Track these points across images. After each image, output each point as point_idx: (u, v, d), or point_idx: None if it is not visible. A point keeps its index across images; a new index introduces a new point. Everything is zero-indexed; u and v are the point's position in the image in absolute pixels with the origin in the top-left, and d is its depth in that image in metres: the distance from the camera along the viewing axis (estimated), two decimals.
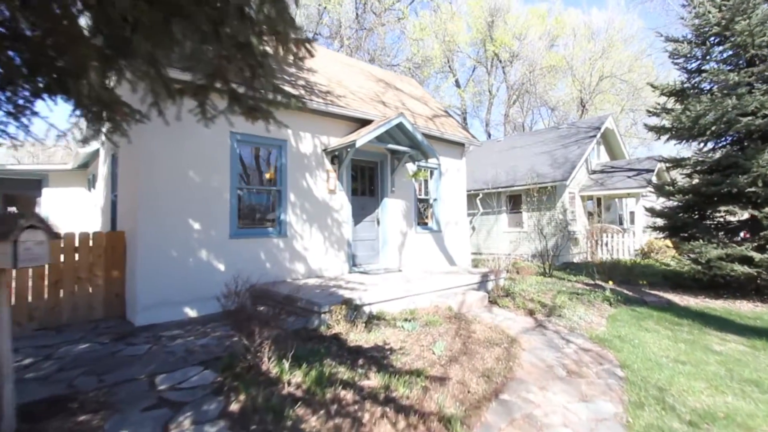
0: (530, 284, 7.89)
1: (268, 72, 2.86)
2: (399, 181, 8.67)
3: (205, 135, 5.98)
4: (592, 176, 16.76)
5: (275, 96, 3.13)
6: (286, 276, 6.73)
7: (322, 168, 7.36)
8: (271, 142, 6.71)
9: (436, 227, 9.66)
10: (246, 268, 6.27)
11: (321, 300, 4.87)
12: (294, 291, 5.55)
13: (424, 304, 5.97)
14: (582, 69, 27.60)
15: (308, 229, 7.08)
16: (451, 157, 10.12)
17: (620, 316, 6.02)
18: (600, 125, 17.17)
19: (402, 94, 10.52)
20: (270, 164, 6.84)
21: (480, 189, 16.31)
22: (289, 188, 6.86)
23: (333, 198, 7.48)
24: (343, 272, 7.54)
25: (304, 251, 6.99)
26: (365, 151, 8.00)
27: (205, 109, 3.08)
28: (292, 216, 6.87)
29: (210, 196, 5.98)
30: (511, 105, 31.89)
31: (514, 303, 6.33)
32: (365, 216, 8.20)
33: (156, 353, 4.19)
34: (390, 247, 8.43)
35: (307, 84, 7.47)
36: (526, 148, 18.42)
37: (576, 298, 6.90)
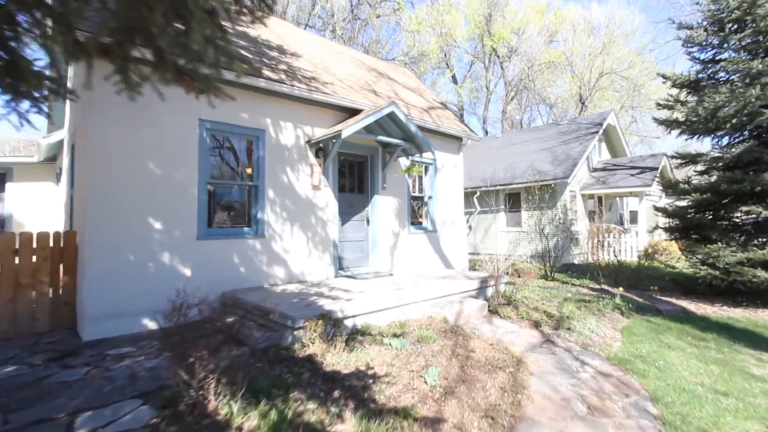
0: (533, 290, 7.24)
1: (205, 26, 2.14)
2: (391, 177, 7.99)
3: (170, 122, 5.27)
4: (594, 174, 16.16)
5: (216, 56, 2.38)
6: (263, 281, 6.04)
7: (306, 162, 6.66)
8: (247, 132, 5.99)
9: (431, 227, 8.99)
10: (217, 273, 5.58)
11: (296, 313, 4.18)
12: (268, 300, 4.86)
13: (416, 314, 5.30)
14: (581, 65, 26.99)
15: (289, 229, 6.38)
16: (448, 152, 9.44)
17: (636, 329, 5.38)
18: (602, 121, 16.56)
19: (395, 84, 9.82)
20: (246, 157, 6.13)
21: (477, 187, 15.66)
22: (268, 183, 6.16)
23: (317, 195, 6.78)
24: (328, 276, 6.85)
25: (284, 253, 6.29)
26: (354, 144, 7.31)
27: (127, 75, 2.36)
28: (270, 214, 6.17)
29: (174, 192, 5.27)
30: (508, 102, 31.26)
31: (517, 313, 5.67)
32: (353, 215, 7.51)
33: (92, 379, 3.49)
34: (380, 248, 7.75)
35: (289, 68, 6.75)
36: (525, 144, 17.79)
37: (584, 307, 6.26)
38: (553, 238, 13.20)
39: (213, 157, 5.77)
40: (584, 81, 27.49)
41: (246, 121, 5.97)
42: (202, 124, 5.55)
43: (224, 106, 5.74)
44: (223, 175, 5.88)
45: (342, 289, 5.66)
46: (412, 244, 8.40)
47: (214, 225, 5.74)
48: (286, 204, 6.35)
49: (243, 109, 5.94)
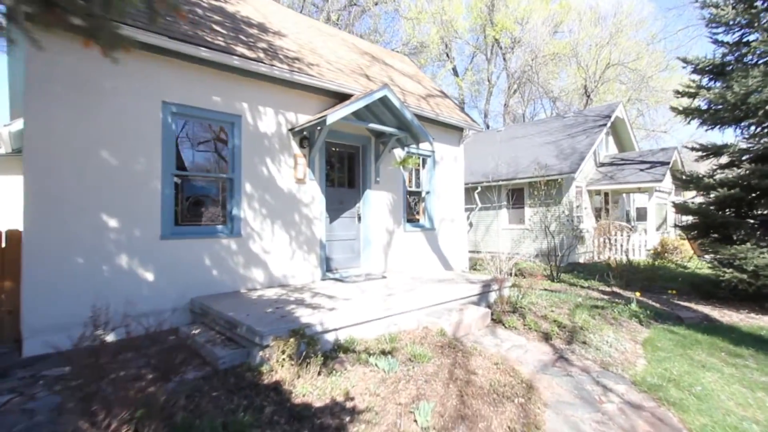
0: (539, 295, 6.59)
1: None
2: (385, 170, 7.31)
3: (128, 105, 4.60)
4: (601, 169, 15.45)
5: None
6: (239, 286, 5.39)
7: (288, 152, 5.98)
8: (221, 118, 5.32)
9: (429, 224, 8.32)
10: (185, 276, 4.93)
11: (265, 327, 3.53)
12: (238, 310, 4.21)
13: (409, 325, 4.65)
14: (587, 56, 26.15)
15: (269, 228, 5.72)
16: (447, 143, 8.75)
17: (659, 342, 4.73)
18: (610, 113, 15.83)
19: (391, 69, 9.11)
20: (219, 146, 5.46)
21: (478, 182, 14.98)
22: (245, 176, 5.49)
23: (302, 189, 6.11)
24: (314, 279, 6.20)
25: (264, 254, 5.64)
26: (343, 133, 6.63)
27: None
28: (248, 211, 5.51)
29: (133, 185, 4.61)
30: (511, 95, 30.44)
31: (524, 322, 5.02)
32: (343, 211, 6.85)
33: (7, 413, 2.85)
34: (373, 248, 7.09)
35: (269, 47, 6.06)
36: (528, 138, 17.06)
37: (598, 315, 5.61)
38: (558, 235, 12.56)
39: (181, 146, 5.10)
40: (590, 73, 26.67)
41: (219, 105, 5.30)
42: (167, 107, 4.87)
43: (193, 88, 5.08)
44: (192, 166, 5.21)
45: (326, 295, 5.01)
46: (407, 243, 7.74)
47: (183, 222, 5.08)
48: (265, 199, 5.69)
49: (215, 92, 5.27)
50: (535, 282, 7.69)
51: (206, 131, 5.34)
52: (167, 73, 4.90)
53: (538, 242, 13.47)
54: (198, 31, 5.20)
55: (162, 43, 4.65)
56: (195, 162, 5.23)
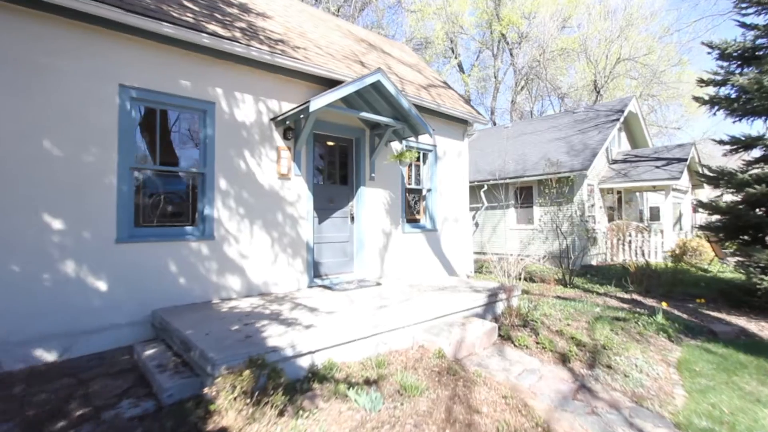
0: (553, 305, 5.88)
1: None
2: (381, 166, 6.65)
3: (77, 87, 3.98)
4: (613, 166, 14.66)
5: None
6: (212, 295, 4.76)
7: (270, 144, 5.34)
8: (190, 104, 4.69)
9: (431, 225, 7.65)
10: (146, 285, 4.31)
11: (219, 353, 2.88)
12: (200, 326, 3.57)
13: (402, 343, 3.99)
14: (597, 51, 25.24)
15: (247, 229, 5.08)
16: (451, 137, 8.07)
17: (697, 364, 4.02)
18: (623, 108, 15.03)
19: (390, 58, 8.45)
20: (189, 136, 4.83)
21: (485, 180, 14.27)
22: (219, 171, 4.86)
23: (286, 185, 5.47)
24: (300, 287, 5.55)
25: (241, 259, 5.00)
26: (334, 124, 5.98)
27: None
28: (222, 210, 4.87)
29: (83, 180, 3.99)
30: (518, 91, 29.62)
31: (536, 339, 4.34)
32: (334, 210, 6.20)
33: None
34: (367, 251, 6.43)
35: (249, 28, 5.42)
36: (537, 134, 16.30)
37: (621, 329, 4.90)
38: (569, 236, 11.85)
39: (142, 136, 4.48)
40: (599, 69, 25.78)
41: (188, 90, 4.66)
42: (125, 91, 4.25)
43: (157, 71, 4.46)
44: (156, 158, 4.58)
45: (308, 307, 4.36)
46: (406, 246, 7.07)
47: (144, 224, 4.46)
48: (243, 197, 5.05)
49: (184, 75, 4.64)
50: (547, 288, 7.00)
51: (173, 120, 4.71)
52: (126, 53, 4.28)
53: (548, 243, 12.74)
54: (163, 5, 4.57)
55: (117, 16, 4.03)
56: (160, 154, 4.60)
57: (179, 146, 4.74)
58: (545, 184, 9.87)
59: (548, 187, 9.60)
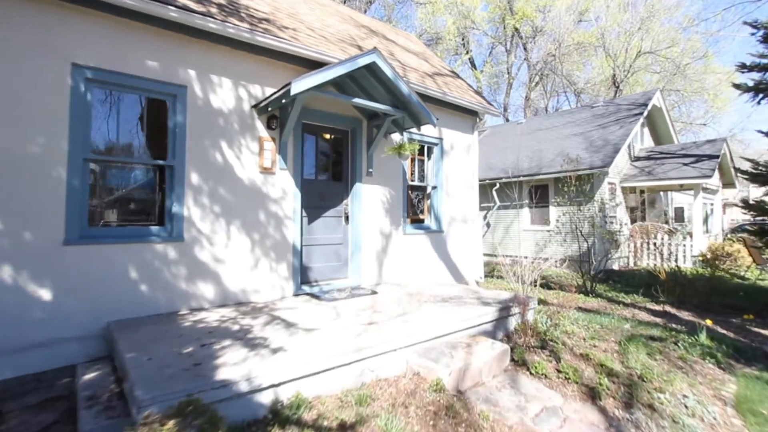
0: (575, 319, 5.13)
1: None
2: (380, 160, 5.99)
3: (20, 66, 3.42)
4: (636, 164, 13.71)
5: None
6: (179, 305, 4.16)
7: (252, 134, 4.73)
8: (158, 88, 4.10)
9: (436, 226, 6.95)
10: (101, 294, 3.73)
11: (148, 390, 2.26)
12: (149, 346, 2.97)
13: (393, 369, 3.32)
14: (616, 44, 24.08)
15: (223, 229, 4.47)
16: (459, 129, 7.36)
17: (763, 404, 3.24)
18: (646, 101, 14.05)
19: (393, 45, 7.78)
20: (156, 124, 4.23)
21: (497, 178, 13.49)
22: (190, 163, 4.26)
23: (270, 181, 4.85)
24: (284, 295, 4.93)
25: (215, 264, 4.40)
26: (326, 113, 5.35)
27: None
28: (193, 208, 4.27)
29: (26, 173, 3.43)
30: (532, 87, 28.61)
31: (557, 365, 3.62)
32: (326, 209, 5.56)
33: None
34: (364, 255, 5.78)
35: (229, 3, 4.81)
36: (553, 130, 15.42)
37: (659, 352, 4.14)
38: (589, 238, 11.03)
39: (100, 123, 3.90)
40: (618, 63, 24.62)
41: (155, 71, 4.08)
42: (78, 71, 3.68)
43: (117, 49, 3.88)
44: (116, 149, 4.00)
45: (286, 322, 3.73)
46: (408, 249, 6.40)
47: (100, 223, 3.89)
48: (218, 194, 4.45)
49: (149, 54, 4.05)
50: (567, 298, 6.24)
51: (137, 105, 4.12)
52: (80, 29, 3.71)
53: (566, 246, 11.92)
54: None
55: None
56: (120, 144, 4.02)
57: (144, 135, 4.15)
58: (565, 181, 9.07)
59: (569, 184, 8.79)
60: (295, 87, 3.98)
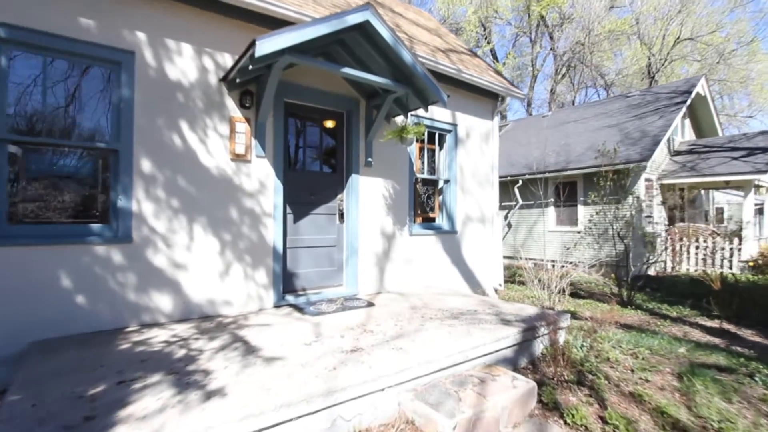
0: (619, 340, 4.14)
1: None
2: (381, 148, 5.13)
3: None
4: (676, 158, 12.37)
5: None
6: (129, 319, 3.42)
7: (220, 114, 3.94)
8: (96, 53, 3.35)
9: (448, 226, 6.04)
10: (21, 306, 3.01)
11: None
12: (51, 384, 2.21)
13: (379, 415, 2.46)
14: (652, 30, 22.38)
15: (184, 228, 3.71)
16: (476, 114, 6.41)
17: None
18: (689, 89, 12.67)
19: (400, 18, 6.88)
20: (96, 98, 3.49)
21: (519, 174, 12.41)
22: (140, 148, 3.51)
23: (243, 170, 4.06)
24: (263, 306, 4.13)
25: (174, 270, 3.64)
26: (316, 91, 4.52)
27: None
28: (145, 203, 3.52)
29: None
30: (558, 80, 27.08)
31: (602, 411, 2.69)
32: (316, 205, 4.73)
33: None
34: (362, 259, 4.93)
35: None
36: (582, 122, 14.17)
37: (733, 390, 3.14)
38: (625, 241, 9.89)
39: (20, 95, 3.18)
40: (654, 51, 22.90)
41: (92, 33, 3.33)
42: None
43: (41, 3, 3.14)
44: (43, 128, 3.27)
45: (248, 346, 2.91)
46: (415, 252, 5.51)
47: (22, 220, 3.17)
48: (178, 185, 3.68)
49: (84, 11, 3.30)
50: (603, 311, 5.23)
51: (72, 74, 3.38)
52: None
53: (596, 249, 10.77)
54: None
55: None
56: (50, 123, 3.28)
57: (80, 111, 3.41)
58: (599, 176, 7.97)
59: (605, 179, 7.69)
60: (262, 47, 3.15)
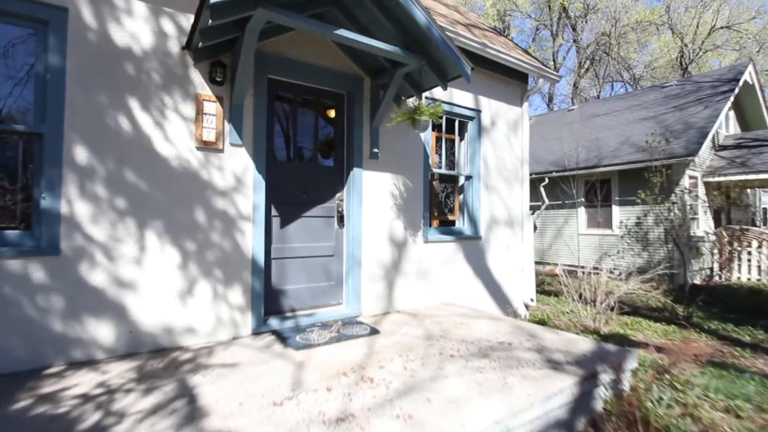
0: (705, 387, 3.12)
1: None
2: (389, 136, 4.23)
3: None
4: (722, 153, 11.10)
5: None
6: (53, 356, 2.60)
7: (183, 90, 3.10)
8: (14, 9, 2.55)
9: (471, 230, 5.09)
10: None
11: None
12: None
13: None
14: (685, 19, 20.89)
15: (133, 236, 2.87)
16: (502, 99, 5.46)
17: None
18: (736, 76, 11.38)
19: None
20: (15, 68, 2.69)
21: (545, 172, 11.34)
22: (73, 131, 2.69)
23: (213, 162, 3.21)
24: (238, 333, 3.27)
25: (119, 290, 2.81)
26: (310, 66, 3.66)
27: None
28: (79, 203, 2.70)
29: None
30: (582, 74, 25.73)
31: None
32: (309, 206, 3.86)
33: None
34: (365, 271, 4.03)
35: None
36: (614, 115, 13.00)
37: None
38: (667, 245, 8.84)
39: None
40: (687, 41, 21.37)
41: None
42: None
43: None
44: None
45: (193, 407, 2.05)
46: (431, 262, 4.59)
47: None
48: (125, 180, 2.85)
49: None
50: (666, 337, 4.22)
51: None
52: None
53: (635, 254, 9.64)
54: None
55: None
56: None
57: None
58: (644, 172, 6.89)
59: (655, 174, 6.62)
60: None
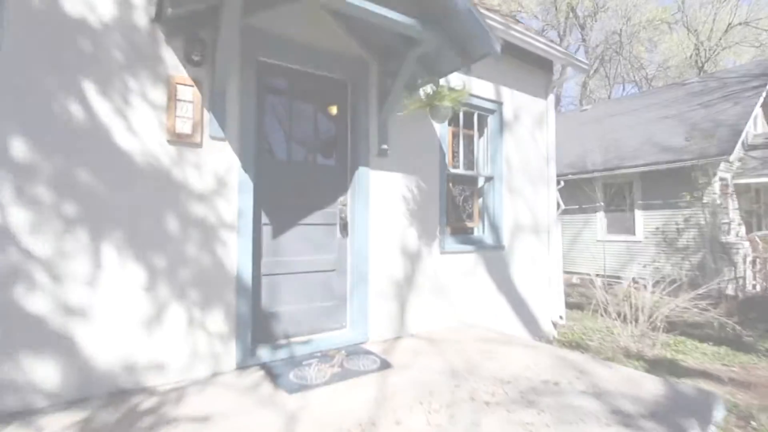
0: None
1: None
2: (401, 130, 3.65)
3: None
4: (753, 153, 10.40)
5: None
6: None
7: (152, 72, 2.54)
8: None
9: (493, 239, 4.47)
10: None
11: None
12: None
13: None
14: (700, 16, 20.24)
15: (86, 249, 2.30)
16: (526, 90, 4.87)
17: None
18: (765, 71, 10.71)
19: None
20: None
21: (561, 175, 10.65)
22: (9, 120, 2.13)
23: (189, 158, 2.64)
24: (219, 369, 2.67)
25: (67, 318, 2.23)
26: (307, 49, 3.10)
27: None
28: (14, 209, 2.13)
29: None
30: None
31: None
32: (307, 211, 3.27)
33: None
34: (373, 288, 3.42)
35: None
36: (633, 114, 12.35)
37: None
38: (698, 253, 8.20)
39: None
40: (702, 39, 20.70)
41: None
42: None
43: None
44: None
45: None
46: (449, 276, 3.97)
47: None
48: (76, 180, 2.29)
49: None
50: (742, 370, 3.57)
51: None
52: None
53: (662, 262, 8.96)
54: None
55: None
56: None
57: None
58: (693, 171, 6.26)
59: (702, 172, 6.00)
60: None
